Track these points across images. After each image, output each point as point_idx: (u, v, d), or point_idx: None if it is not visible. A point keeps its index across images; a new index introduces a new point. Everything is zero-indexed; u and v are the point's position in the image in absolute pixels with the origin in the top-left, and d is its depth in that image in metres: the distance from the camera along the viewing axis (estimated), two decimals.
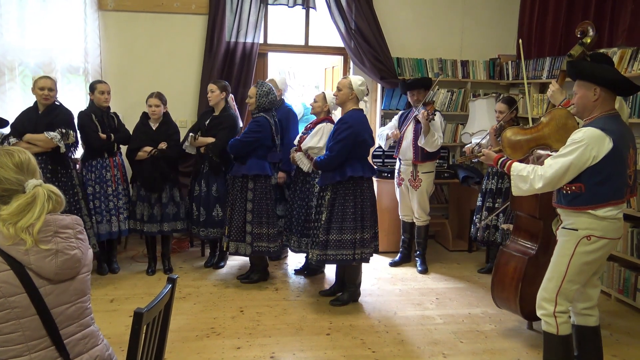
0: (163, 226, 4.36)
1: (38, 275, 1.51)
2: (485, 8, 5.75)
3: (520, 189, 2.65)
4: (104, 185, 4.24)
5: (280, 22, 5.92)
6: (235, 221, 4.11)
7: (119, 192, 4.33)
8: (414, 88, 4.57)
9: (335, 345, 3.26)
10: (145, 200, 4.31)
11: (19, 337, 1.49)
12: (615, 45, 4.27)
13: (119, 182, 4.33)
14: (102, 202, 4.24)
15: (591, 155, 2.43)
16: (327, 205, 3.71)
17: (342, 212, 3.70)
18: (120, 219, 4.32)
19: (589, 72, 2.51)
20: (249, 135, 4.04)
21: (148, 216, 4.32)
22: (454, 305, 3.95)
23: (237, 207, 4.11)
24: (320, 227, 3.72)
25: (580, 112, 2.60)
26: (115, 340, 3.03)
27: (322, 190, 3.80)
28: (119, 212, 4.32)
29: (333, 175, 3.69)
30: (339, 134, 3.63)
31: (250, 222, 4.08)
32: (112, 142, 4.26)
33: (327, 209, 3.70)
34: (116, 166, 4.33)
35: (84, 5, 4.98)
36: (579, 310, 2.80)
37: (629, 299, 3.93)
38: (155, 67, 5.30)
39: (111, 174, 4.27)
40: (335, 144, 3.64)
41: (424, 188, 4.64)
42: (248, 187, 4.09)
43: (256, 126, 4.05)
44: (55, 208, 1.60)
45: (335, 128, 3.71)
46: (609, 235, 2.53)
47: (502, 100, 4.39)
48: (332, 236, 3.70)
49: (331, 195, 3.71)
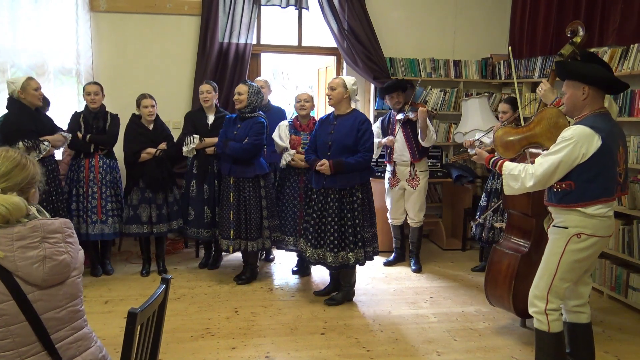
0: (172, 225, 4.39)
1: (26, 281, 1.49)
2: (477, 8, 5.79)
3: (512, 187, 2.68)
4: (77, 185, 4.20)
5: (273, 23, 5.92)
6: (253, 221, 4.13)
7: (89, 195, 4.18)
8: (392, 91, 4.60)
9: (330, 345, 3.27)
10: (152, 202, 4.28)
11: (9, 343, 1.48)
12: (606, 44, 4.31)
13: (92, 184, 4.19)
14: (74, 202, 4.21)
15: (580, 152, 2.45)
16: (360, 204, 3.75)
17: (369, 209, 3.85)
18: (89, 222, 4.18)
19: (577, 71, 2.54)
20: (258, 137, 4.05)
21: (157, 217, 4.30)
22: (448, 304, 3.97)
23: (252, 208, 4.12)
24: (357, 225, 3.74)
25: (570, 111, 2.63)
26: (110, 341, 3.03)
27: (352, 190, 3.74)
28: (87, 214, 4.18)
29: (365, 174, 3.80)
30: (370, 134, 3.75)
31: (267, 217, 4.21)
32: (87, 143, 4.17)
33: (361, 207, 3.76)
34: (91, 168, 4.20)
35: (75, 7, 4.97)
36: (570, 308, 2.83)
37: (620, 296, 3.97)
38: (148, 68, 5.29)
39: (84, 175, 4.20)
40: (370, 145, 3.74)
41: (422, 186, 4.68)
42: (260, 186, 4.16)
43: (261, 127, 4.08)
44: (7, 220, 1.51)
45: (366, 127, 3.74)
46: (599, 233, 2.55)
47: (505, 100, 4.41)
48: (367, 234, 3.82)
49: (362, 194, 3.79)
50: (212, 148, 4.32)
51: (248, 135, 4.05)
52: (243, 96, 4.05)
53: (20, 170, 1.61)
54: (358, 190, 3.76)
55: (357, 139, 3.71)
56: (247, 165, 4.09)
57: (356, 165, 3.68)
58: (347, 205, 3.72)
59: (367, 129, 3.74)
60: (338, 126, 3.77)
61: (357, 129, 3.71)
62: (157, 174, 4.22)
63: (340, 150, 3.71)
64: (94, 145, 4.20)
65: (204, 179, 4.41)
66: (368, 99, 5.67)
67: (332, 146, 3.74)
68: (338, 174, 3.68)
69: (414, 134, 4.56)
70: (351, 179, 3.71)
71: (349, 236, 3.72)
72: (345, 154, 3.69)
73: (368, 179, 3.86)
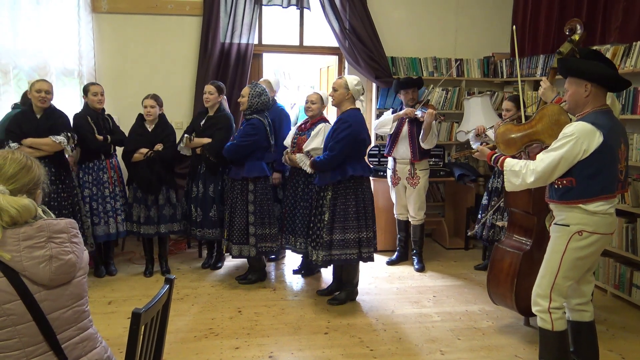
0: (160, 228, 4.36)
1: (32, 281, 1.50)
2: (479, 6, 5.78)
3: (513, 184, 2.68)
4: (101, 187, 4.24)
5: (274, 23, 5.92)
6: (236, 224, 4.11)
7: (116, 194, 4.34)
8: (408, 87, 4.61)
9: (334, 344, 3.27)
10: (142, 202, 4.31)
11: (16, 343, 1.48)
12: (608, 42, 4.30)
13: (116, 184, 4.34)
14: (100, 204, 4.24)
15: (582, 149, 2.45)
16: (328, 205, 3.71)
17: (344, 212, 3.71)
18: (118, 221, 4.33)
19: (579, 68, 2.54)
20: (245, 139, 4.03)
21: (145, 218, 4.32)
22: (451, 303, 3.97)
23: (237, 210, 4.11)
24: (323, 227, 3.72)
25: (572, 108, 2.62)
26: (114, 342, 3.04)
27: (322, 190, 3.77)
28: (117, 213, 4.32)
29: (333, 174, 3.70)
30: (339, 133, 3.64)
31: (253, 223, 4.09)
32: (109, 144, 4.26)
33: (329, 209, 3.71)
34: (112, 168, 4.33)
35: (77, 8, 4.98)
36: (573, 306, 2.82)
37: (624, 294, 3.96)
38: (150, 69, 5.30)
39: (108, 176, 4.27)
40: (335, 143, 3.64)
41: (422, 185, 4.68)
42: (249, 189, 4.10)
43: (251, 129, 4.05)
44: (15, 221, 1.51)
45: (335, 127, 3.71)
46: (601, 231, 2.54)
47: (509, 98, 4.40)
48: (336, 236, 3.71)
49: (332, 194, 3.72)
50: (199, 148, 4.34)
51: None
52: (244, 99, 4.09)
53: (26, 172, 1.61)
54: (328, 190, 3.74)
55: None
56: (238, 167, 4.10)
57: (319, 164, 3.71)
58: (319, 201, 3.78)
59: (336, 129, 3.67)
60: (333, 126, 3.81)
61: (334, 128, 3.73)
62: (146, 175, 4.21)
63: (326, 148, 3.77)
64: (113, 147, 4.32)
65: (194, 178, 4.44)
66: (370, 98, 5.67)
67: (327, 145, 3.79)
68: (318, 171, 3.80)
69: (419, 134, 4.56)
70: (322, 178, 3.77)
71: (312, 234, 3.82)
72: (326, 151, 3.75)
73: (338, 179, 3.68)
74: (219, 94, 4.41)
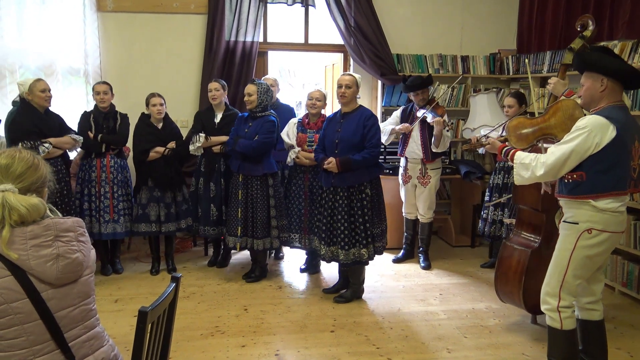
0: (180, 224, 4.40)
1: (40, 280, 1.50)
2: (485, 3, 5.75)
3: (522, 177, 2.65)
4: (89, 185, 4.22)
5: (279, 21, 5.92)
6: (259, 219, 4.12)
7: (101, 195, 4.21)
8: (418, 89, 4.54)
9: (340, 342, 3.27)
10: (160, 201, 4.29)
11: (23, 342, 1.49)
12: (616, 38, 4.26)
13: (104, 184, 4.22)
14: (86, 202, 4.22)
15: (594, 142, 2.41)
16: (369, 201, 3.75)
17: (379, 206, 3.85)
18: (101, 222, 4.21)
19: (596, 63, 2.49)
20: (269, 136, 4.04)
21: (165, 216, 4.31)
22: (458, 301, 3.96)
23: (259, 206, 4.12)
24: (367, 222, 3.73)
25: (587, 103, 2.58)
26: (121, 340, 3.05)
27: (361, 187, 3.71)
28: (100, 214, 4.21)
29: (371, 171, 3.77)
30: (375, 129, 3.73)
31: (275, 216, 4.20)
32: (99, 143, 4.18)
33: (370, 204, 3.75)
34: (103, 167, 4.23)
35: (82, 7, 4.99)
36: (583, 305, 2.80)
37: (632, 292, 3.93)
38: (155, 67, 5.31)
39: (96, 175, 4.22)
40: (377, 140, 3.73)
41: (433, 184, 4.67)
42: (269, 185, 4.15)
43: (272, 126, 4.08)
44: (24, 220, 1.52)
45: (372, 123, 3.73)
46: (610, 229, 2.51)
47: (511, 94, 4.39)
48: (376, 230, 3.82)
49: (371, 190, 3.77)
50: (219, 146, 4.32)
51: (258, 133, 4.04)
52: (253, 97, 4.05)
53: (33, 171, 1.61)
54: (367, 187, 3.74)
55: (364, 135, 3.69)
56: (256, 164, 4.09)
57: (363, 161, 3.66)
58: (357, 202, 3.71)
59: (373, 125, 3.72)
60: (345, 124, 3.76)
61: (363, 126, 3.69)
62: (166, 173, 4.23)
63: (347, 148, 3.69)
64: (105, 145, 4.22)
65: (210, 177, 4.42)
66: (375, 96, 5.65)
67: (339, 144, 3.73)
68: (346, 171, 3.67)
69: (430, 135, 4.52)
70: (359, 176, 3.70)
71: (360, 233, 3.72)
72: (352, 151, 3.67)
73: (377, 175, 3.83)
74: (224, 90, 4.42)
